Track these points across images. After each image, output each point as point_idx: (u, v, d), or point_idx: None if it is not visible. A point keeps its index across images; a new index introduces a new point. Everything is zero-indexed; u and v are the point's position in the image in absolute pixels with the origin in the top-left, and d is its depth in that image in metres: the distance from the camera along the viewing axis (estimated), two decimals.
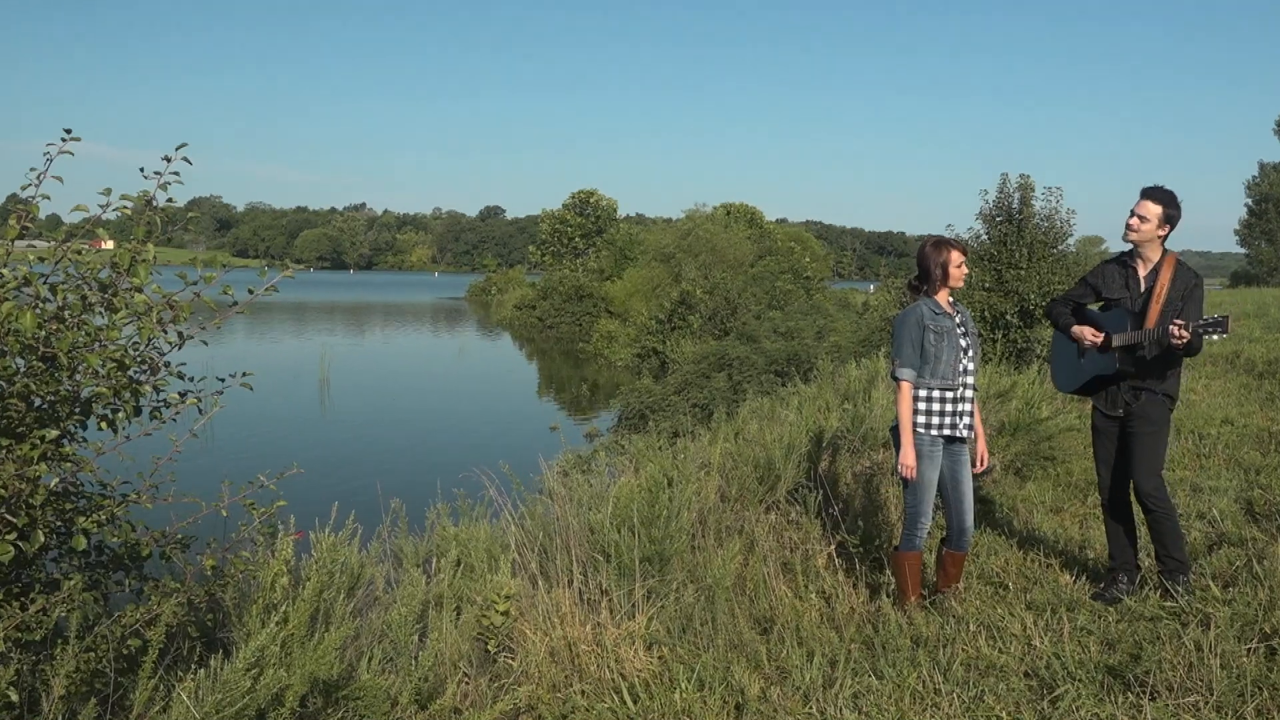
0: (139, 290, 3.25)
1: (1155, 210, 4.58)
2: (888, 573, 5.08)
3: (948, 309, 4.68)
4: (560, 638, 4.11)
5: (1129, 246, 4.73)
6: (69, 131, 3.18)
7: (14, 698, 2.73)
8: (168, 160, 3.34)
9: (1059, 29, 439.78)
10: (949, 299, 4.73)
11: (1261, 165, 59.15)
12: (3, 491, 2.87)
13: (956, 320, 4.68)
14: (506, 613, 4.11)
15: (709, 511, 5.47)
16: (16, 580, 3.14)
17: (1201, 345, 4.52)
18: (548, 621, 4.17)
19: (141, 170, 3.38)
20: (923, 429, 4.61)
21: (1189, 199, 4.72)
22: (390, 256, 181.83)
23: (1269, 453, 7.50)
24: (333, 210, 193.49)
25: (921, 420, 4.61)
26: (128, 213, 3.35)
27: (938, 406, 4.61)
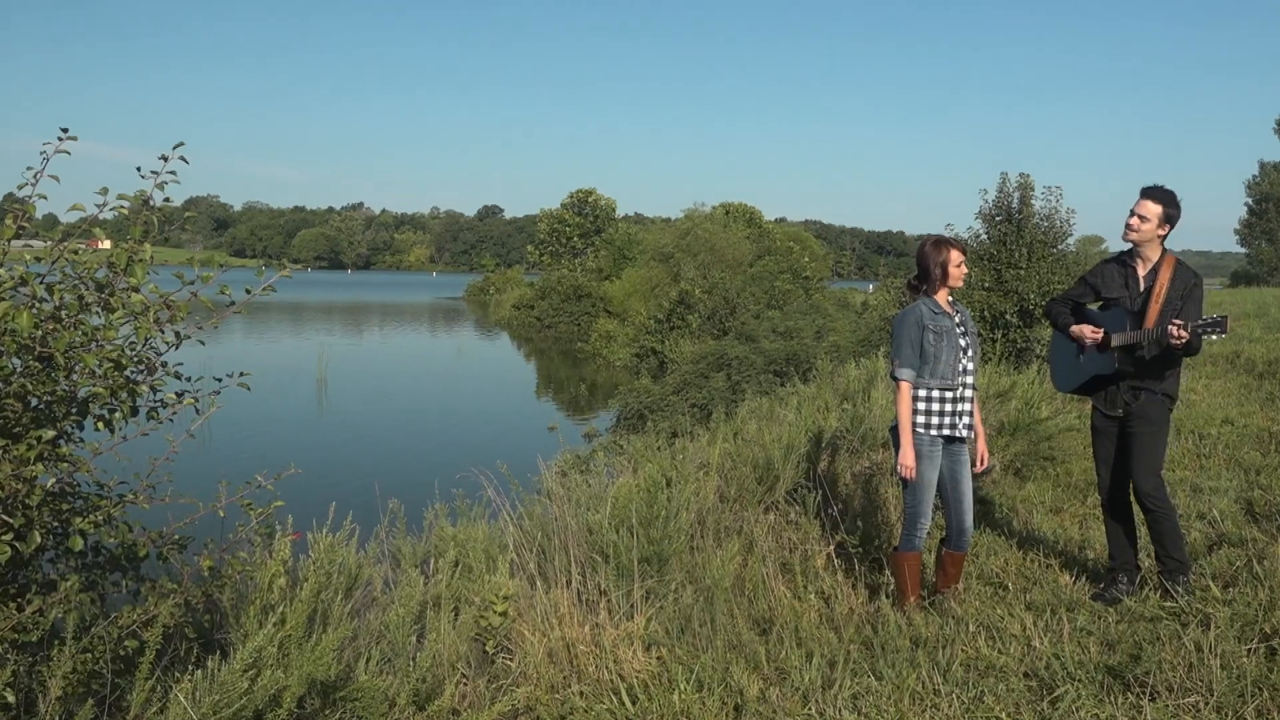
0: (136, 290, 3.25)
1: (1155, 210, 4.57)
2: (887, 573, 5.07)
3: (947, 309, 4.67)
4: (558, 638, 4.10)
5: (1129, 246, 4.72)
6: (65, 130, 3.18)
7: (11, 699, 2.73)
8: (164, 159, 3.34)
9: (1059, 28, 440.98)
10: (948, 299, 4.72)
11: (1262, 164, 59.23)
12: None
13: (956, 320, 4.67)
14: (504, 613, 4.10)
15: (708, 512, 5.46)
16: (13, 581, 3.13)
17: (1201, 345, 4.52)
18: (546, 622, 4.16)
19: (138, 169, 3.38)
20: (922, 429, 4.60)
21: (1189, 198, 4.72)
22: (388, 256, 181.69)
23: (1269, 453, 7.50)
24: (330, 210, 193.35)
25: (921, 420, 4.60)
26: (125, 212, 3.34)
27: (937, 406, 4.60)
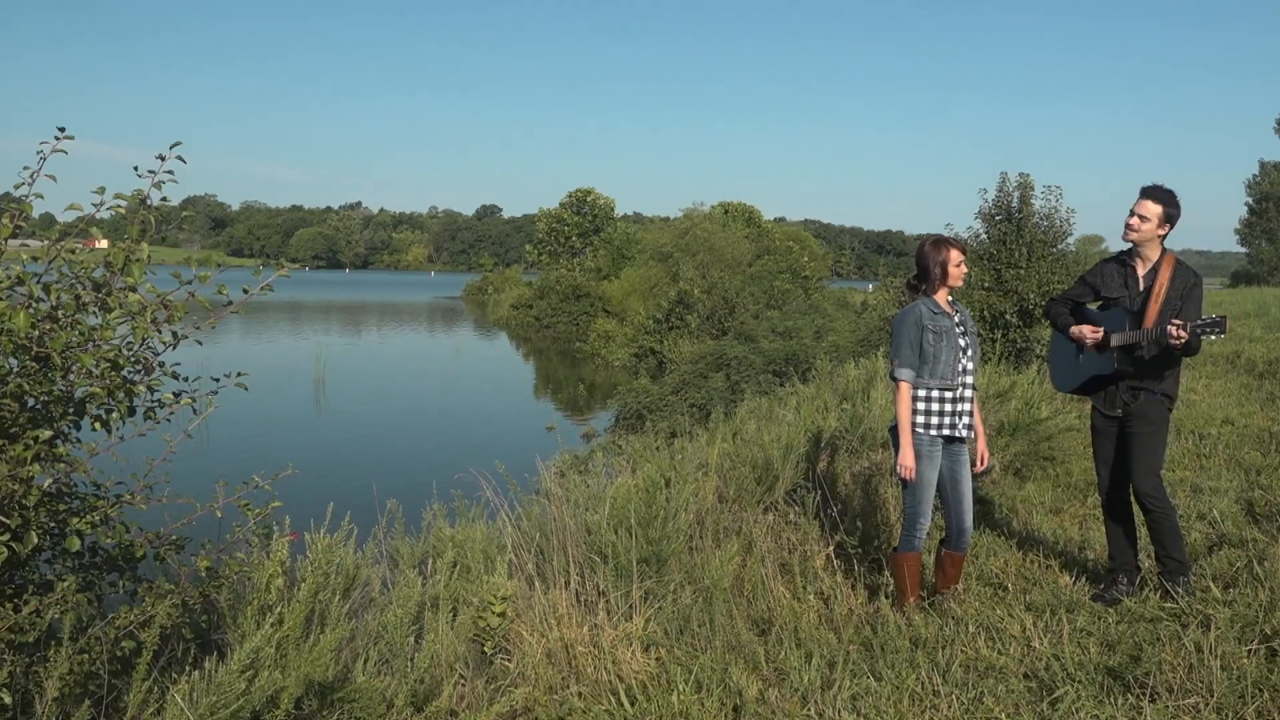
0: (133, 290, 3.24)
1: (1155, 210, 4.57)
2: (886, 574, 5.06)
3: (946, 308, 4.66)
4: (557, 639, 4.09)
5: (1128, 245, 4.71)
6: (63, 130, 3.17)
7: (7, 700, 2.72)
8: (162, 159, 3.33)
9: (1059, 28, 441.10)
10: (948, 298, 4.72)
11: (1262, 164, 59.17)
12: None
13: (955, 320, 4.66)
14: (503, 614, 4.09)
15: (706, 512, 5.45)
16: (10, 582, 3.13)
17: (1200, 345, 4.51)
18: (544, 623, 4.15)
19: (135, 169, 3.37)
20: (922, 429, 4.59)
21: (1189, 198, 4.72)
22: (386, 256, 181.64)
23: (1269, 453, 7.50)
24: (328, 209, 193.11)
25: (920, 420, 4.59)
26: (122, 211, 3.33)
27: (937, 406, 4.59)
